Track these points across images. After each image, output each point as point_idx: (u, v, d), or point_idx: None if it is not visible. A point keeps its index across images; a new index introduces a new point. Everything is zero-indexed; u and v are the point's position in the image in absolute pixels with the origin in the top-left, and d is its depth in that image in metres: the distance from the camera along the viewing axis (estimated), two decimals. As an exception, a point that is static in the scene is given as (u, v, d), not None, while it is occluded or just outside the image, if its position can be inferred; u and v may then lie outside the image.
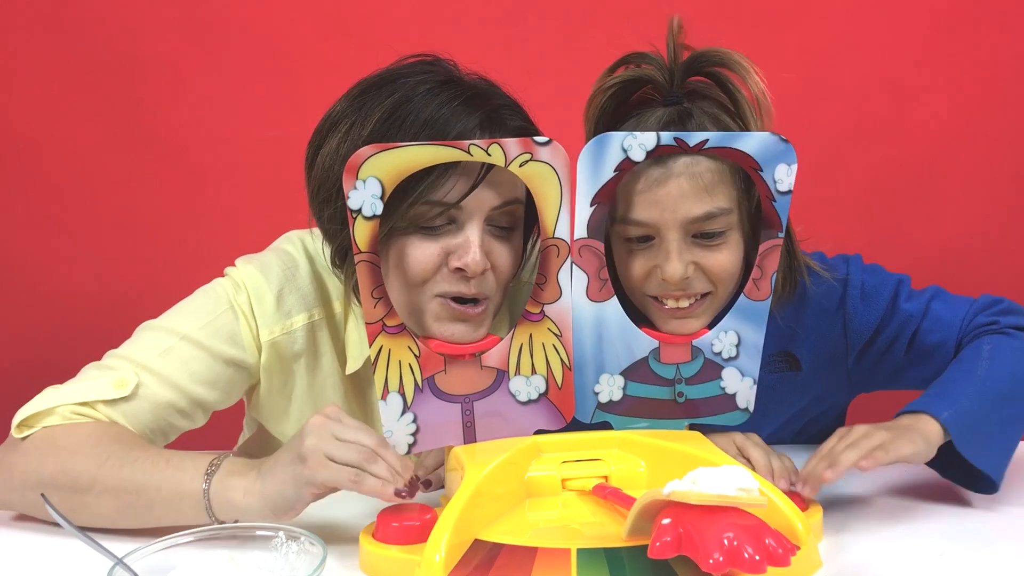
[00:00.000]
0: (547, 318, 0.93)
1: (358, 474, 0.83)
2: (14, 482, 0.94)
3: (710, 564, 0.68)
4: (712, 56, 0.96)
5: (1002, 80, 1.65)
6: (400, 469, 0.84)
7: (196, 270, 1.08)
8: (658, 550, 0.71)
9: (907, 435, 0.92)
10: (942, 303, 1.08)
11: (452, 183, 0.89)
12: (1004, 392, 0.98)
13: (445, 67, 0.97)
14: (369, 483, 0.83)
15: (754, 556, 0.68)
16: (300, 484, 0.84)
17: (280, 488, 0.85)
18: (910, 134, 1.68)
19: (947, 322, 1.06)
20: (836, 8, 1.67)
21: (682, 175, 0.92)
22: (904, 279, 1.09)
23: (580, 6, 1.70)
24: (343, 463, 0.83)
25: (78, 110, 1.75)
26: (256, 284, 1.03)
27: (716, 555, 0.68)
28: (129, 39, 1.73)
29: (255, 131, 1.69)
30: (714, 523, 0.70)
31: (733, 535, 0.69)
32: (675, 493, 0.72)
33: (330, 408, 0.87)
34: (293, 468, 0.84)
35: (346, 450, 0.83)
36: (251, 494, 0.87)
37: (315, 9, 1.73)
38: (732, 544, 0.69)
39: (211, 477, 0.89)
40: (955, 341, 1.06)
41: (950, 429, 0.93)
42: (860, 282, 1.07)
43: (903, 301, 1.07)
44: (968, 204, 1.69)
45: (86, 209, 1.79)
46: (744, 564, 0.68)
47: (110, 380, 0.97)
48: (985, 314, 1.06)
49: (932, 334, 1.06)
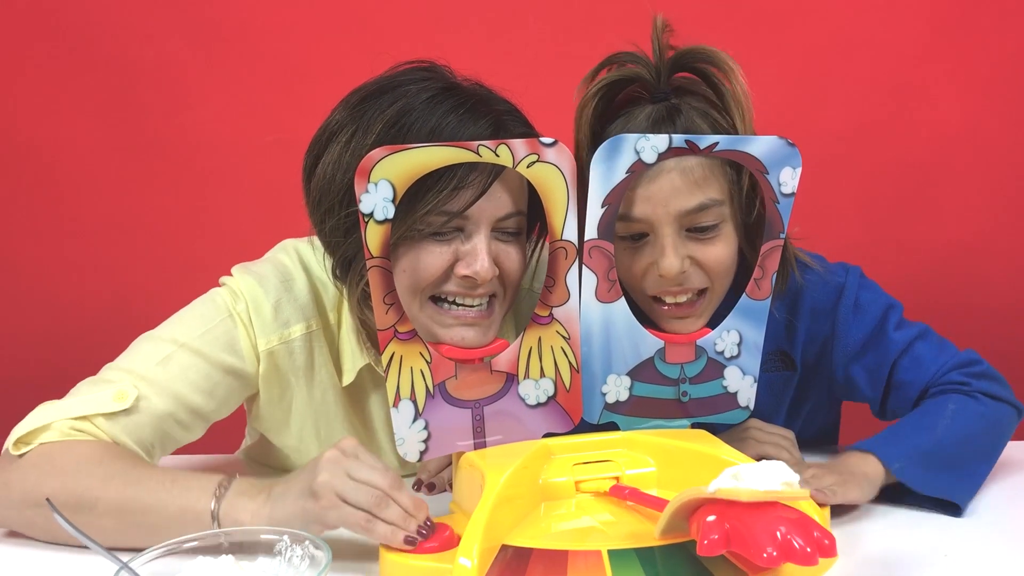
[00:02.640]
0: (556, 321, 0.92)
1: (369, 520, 0.81)
2: (12, 500, 0.91)
3: (764, 558, 0.69)
4: (699, 53, 0.97)
5: (1004, 81, 1.69)
6: (413, 511, 0.83)
7: (197, 275, 1.06)
8: (707, 547, 0.72)
9: (854, 480, 0.96)
10: (926, 345, 1.09)
11: (459, 194, 0.89)
12: (957, 455, 1.01)
13: (442, 73, 0.97)
14: (380, 530, 0.81)
15: (805, 548, 0.70)
16: (308, 520, 0.83)
17: (287, 520, 0.84)
18: (911, 135, 1.72)
19: (924, 365, 1.08)
20: (837, 8, 1.70)
21: (673, 171, 0.94)
22: (897, 305, 1.11)
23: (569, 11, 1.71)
24: (355, 505, 0.81)
25: (79, 116, 1.73)
26: (254, 294, 1.02)
27: (769, 549, 0.69)
28: (131, 45, 1.71)
29: (257, 136, 1.67)
30: (761, 518, 0.71)
31: (785, 529, 0.70)
32: (721, 491, 0.72)
33: (347, 442, 0.86)
34: (304, 503, 0.83)
35: (359, 492, 0.82)
36: (259, 518, 0.85)
37: (316, 15, 1.71)
38: (785, 537, 0.70)
39: (220, 497, 0.87)
40: (923, 385, 1.07)
41: (900, 478, 0.98)
42: (855, 294, 1.09)
43: (892, 328, 1.09)
44: (969, 205, 1.73)
45: (86, 215, 1.77)
46: (797, 556, 0.69)
47: (109, 393, 0.95)
48: (960, 372, 1.07)
49: (907, 371, 1.08)
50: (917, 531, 0.95)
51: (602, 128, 0.99)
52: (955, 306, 1.14)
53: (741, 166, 0.95)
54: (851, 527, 0.95)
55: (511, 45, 1.70)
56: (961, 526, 0.96)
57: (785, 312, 1.08)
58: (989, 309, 1.56)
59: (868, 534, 0.94)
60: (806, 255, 1.07)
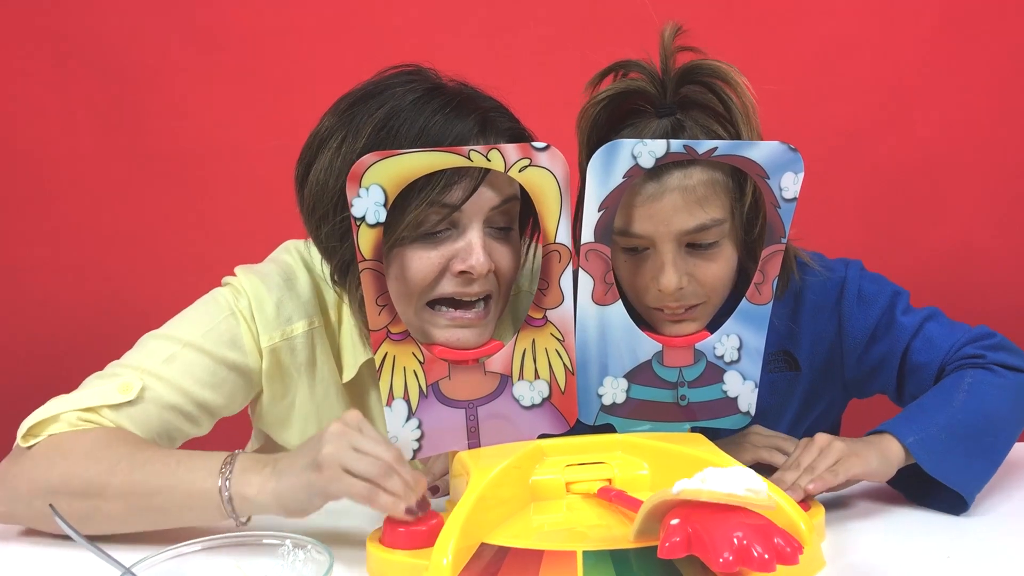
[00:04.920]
0: (550, 323, 0.93)
1: (372, 489, 0.82)
2: (20, 491, 0.93)
3: (720, 563, 0.68)
4: (705, 68, 0.96)
5: (1004, 81, 1.66)
6: (413, 485, 0.83)
7: (199, 279, 1.09)
8: (668, 550, 0.71)
9: (862, 453, 0.94)
10: (936, 324, 1.08)
11: (453, 188, 0.90)
12: (976, 427, 0.98)
13: (427, 75, 0.98)
14: (382, 499, 0.82)
15: (763, 555, 0.68)
16: (313, 492, 0.84)
17: (292, 492, 0.85)
18: (911, 135, 1.69)
19: (937, 344, 1.06)
20: (837, 9, 1.68)
21: (675, 189, 0.93)
22: (902, 291, 1.09)
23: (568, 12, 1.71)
24: (358, 475, 0.82)
25: (79, 121, 1.76)
26: (256, 291, 1.04)
27: (726, 554, 0.68)
28: (130, 51, 1.74)
29: (257, 140, 1.67)
30: (723, 523, 0.71)
31: (743, 534, 0.69)
32: (684, 492, 0.72)
33: (351, 414, 0.86)
34: (308, 474, 0.84)
35: (363, 462, 0.82)
36: (264, 491, 0.86)
37: (315, 20, 1.74)
38: (742, 543, 0.69)
39: (226, 473, 0.88)
40: (939, 364, 1.06)
41: (915, 453, 0.94)
42: (857, 286, 1.08)
43: (900, 313, 1.07)
44: (969, 206, 1.70)
45: (87, 219, 1.79)
46: (753, 563, 0.68)
47: (115, 385, 0.97)
48: (975, 346, 1.05)
49: (920, 353, 1.07)
50: (919, 533, 0.93)
51: (604, 138, 0.99)
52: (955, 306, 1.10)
53: (745, 180, 0.95)
54: (851, 529, 0.93)
55: (510, 49, 1.71)
56: (964, 527, 0.94)
57: (787, 313, 1.06)
58: (989, 309, 1.45)
59: (868, 536, 0.92)
60: (806, 254, 1.05)
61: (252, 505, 0.87)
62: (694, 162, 0.93)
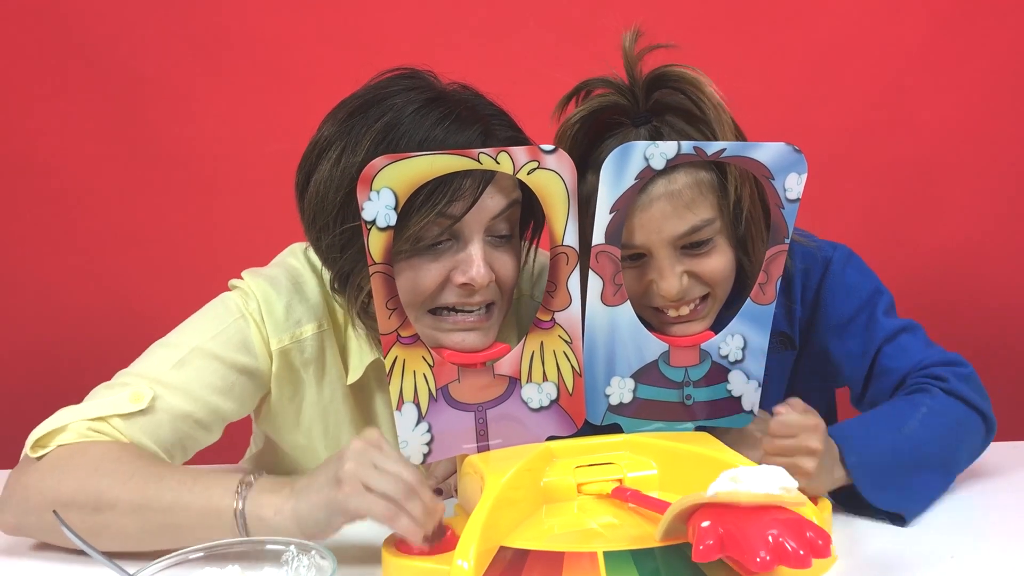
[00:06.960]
0: (558, 325, 0.93)
1: (393, 509, 0.80)
2: (30, 503, 0.90)
3: (757, 563, 0.69)
4: (672, 75, 0.98)
5: (1005, 81, 1.69)
6: (432, 511, 0.82)
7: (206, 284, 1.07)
8: (702, 553, 0.72)
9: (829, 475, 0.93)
10: (912, 337, 1.08)
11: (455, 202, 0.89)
12: (920, 457, 0.98)
13: (427, 81, 0.97)
14: (403, 522, 0.80)
15: (798, 551, 0.69)
16: (333, 510, 0.82)
17: (312, 511, 0.83)
18: (911, 135, 1.71)
19: (909, 354, 1.06)
20: (837, 9, 1.70)
21: (662, 197, 0.95)
22: (886, 292, 1.10)
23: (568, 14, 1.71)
24: (380, 494, 0.80)
25: (86, 126, 1.74)
26: (266, 294, 1.03)
27: (763, 553, 0.69)
28: (137, 55, 1.73)
29: (261, 144, 1.68)
30: (755, 522, 0.71)
31: (777, 532, 0.70)
32: (719, 495, 0.72)
33: (371, 433, 0.85)
34: (328, 491, 0.82)
35: (384, 481, 0.80)
36: (282, 513, 0.84)
37: (319, 22, 1.73)
38: (776, 540, 0.70)
39: (243, 496, 0.86)
40: (903, 374, 1.06)
41: (853, 475, 0.94)
42: (842, 269, 1.09)
43: (881, 313, 1.08)
44: (969, 205, 1.72)
45: (93, 224, 1.78)
46: (790, 559, 0.69)
47: (125, 395, 0.95)
48: (944, 368, 1.04)
49: (890, 358, 1.07)
50: (922, 532, 0.94)
51: (585, 156, 0.99)
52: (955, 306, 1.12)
53: (726, 179, 0.96)
54: (856, 527, 0.95)
55: (507, 53, 1.71)
56: (967, 527, 0.96)
57: (781, 294, 1.07)
58: (989, 309, 1.54)
59: (873, 534, 0.93)
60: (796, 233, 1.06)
61: (267, 527, 0.85)
62: (677, 167, 0.94)
